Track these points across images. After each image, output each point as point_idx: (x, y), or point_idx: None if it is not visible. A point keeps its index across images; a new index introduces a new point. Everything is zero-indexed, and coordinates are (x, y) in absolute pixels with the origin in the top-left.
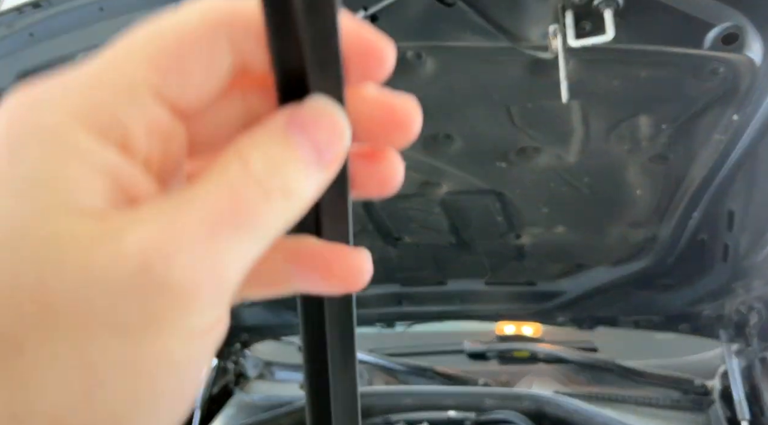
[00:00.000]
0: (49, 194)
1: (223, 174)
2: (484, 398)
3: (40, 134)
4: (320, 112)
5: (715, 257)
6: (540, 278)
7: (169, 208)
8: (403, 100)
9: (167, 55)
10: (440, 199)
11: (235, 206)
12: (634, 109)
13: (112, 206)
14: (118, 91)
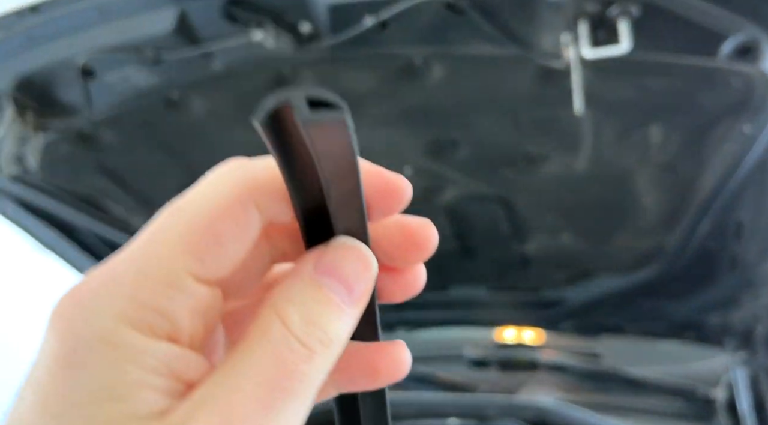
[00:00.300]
0: (112, 405)
1: (266, 338)
2: (486, 406)
3: (95, 345)
4: (346, 250)
5: (723, 267)
6: (544, 286)
7: (223, 392)
8: (420, 223)
9: (202, 236)
10: (444, 205)
11: (282, 372)
12: (645, 119)
13: (171, 399)
14: (161, 284)
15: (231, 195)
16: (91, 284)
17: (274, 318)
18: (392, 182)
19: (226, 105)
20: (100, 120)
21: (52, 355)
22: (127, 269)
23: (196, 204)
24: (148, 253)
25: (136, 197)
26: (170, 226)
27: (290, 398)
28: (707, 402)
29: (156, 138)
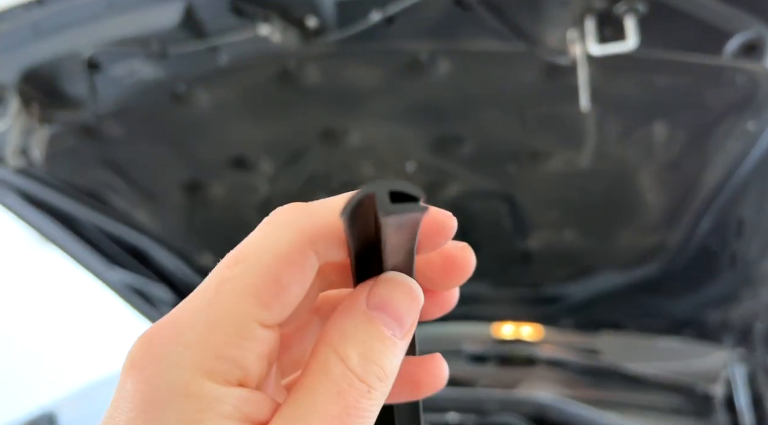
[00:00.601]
0: None
1: (326, 377)
2: (485, 401)
3: (173, 396)
4: (395, 285)
5: (723, 264)
6: (545, 282)
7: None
8: (459, 248)
9: (269, 286)
10: (447, 200)
11: (345, 410)
12: (650, 115)
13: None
14: (232, 334)
15: (293, 244)
16: (164, 334)
17: (332, 356)
18: (441, 221)
19: (231, 99)
20: (105, 113)
21: (133, 405)
22: (198, 320)
23: (260, 254)
24: (217, 303)
25: (140, 190)
26: (237, 276)
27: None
28: (706, 399)
29: (161, 132)
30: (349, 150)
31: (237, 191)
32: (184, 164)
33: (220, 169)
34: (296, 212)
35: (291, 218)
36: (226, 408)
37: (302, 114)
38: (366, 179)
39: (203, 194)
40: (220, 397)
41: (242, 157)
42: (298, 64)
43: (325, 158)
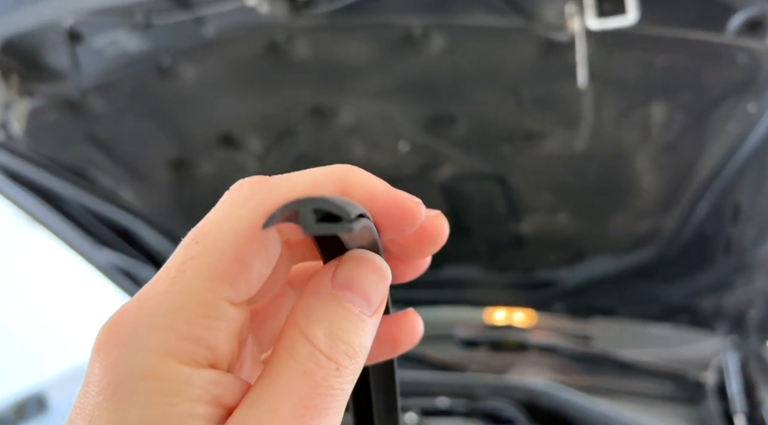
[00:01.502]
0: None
1: (293, 358)
2: (476, 386)
3: (141, 380)
4: (361, 262)
5: (718, 250)
6: (538, 266)
7: (260, 416)
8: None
9: (232, 264)
10: (440, 182)
11: (313, 390)
12: (648, 96)
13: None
14: (197, 315)
15: (254, 220)
16: (129, 318)
17: (298, 336)
18: (406, 206)
19: (218, 73)
20: (88, 87)
21: (100, 389)
22: (163, 301)
23: (220, 232)
24: (180, 283)
25: (126, 168)
26: (198, 255)
27: (324, 413)
28: (697, 386)
29: (146, 107)
30: (340, 129)
31: (225, 169)
32: (171, 140)
33: (207, 146)
34: (256, 187)
35: (250, 193)
36: (196, 390)
37: (291, 90)
38: (357, 159)
39: (191, 172)
40: (189, 379)
41: (230, 134)
42: (287, 38)
43: (315, 137)
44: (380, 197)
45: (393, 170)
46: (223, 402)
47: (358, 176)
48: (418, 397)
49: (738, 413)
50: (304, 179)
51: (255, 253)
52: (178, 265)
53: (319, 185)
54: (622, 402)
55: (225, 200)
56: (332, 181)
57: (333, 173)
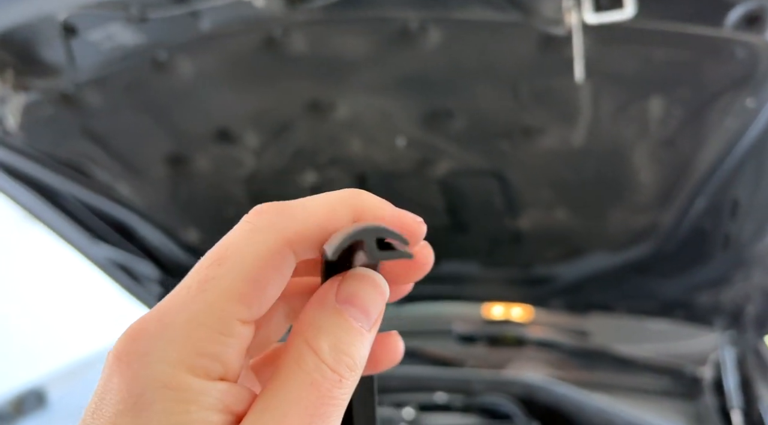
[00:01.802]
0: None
1: (300, 368)
2: (474, 381)
3: (160, 390)
4: (362, 279)
5: (716, 246)
6: (536, 262)
7: (271, 422)
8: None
9: (250, 287)
10: (438, 179)
11: (319, 400)
12: (646, 91)
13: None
14: (214, 332)
15: (274, 247)
16: (149, 330)
17: (305, 348)
18: (411, 227)
19: (215, 68)
20: (83, 81)
21: (120, 397)
22: (182, 318)
23: (242, 256)
24: (200, 302)
25: (123, 162)
26: (220, 277)
27: (327, 421)
28: (694, 381)
29: (142, 101)
30: (337, 124)
31: (222, 164)
32: (167, 135)
33: (204, 141)
34: (276, 214)
35: (271, 221)
36: (210, 400)
37: (288, 85)
38: (354, 155)
39: (187, 168)
40: (204, 390)
41: (226, 129)
42: (283, 32)
43: (312, 132)
44: (388, 220)
45: (391, 165)
46: (233, 410)
47: (368, 201)
48: (415, 392)
49: (735, 408)
50: (320, 205)
51: (272, 277)
52: (199, 284)
53: (335, 212)
54: (619, 397)
55: (245, 225)
56: (345, 207)
57: (345, 200)
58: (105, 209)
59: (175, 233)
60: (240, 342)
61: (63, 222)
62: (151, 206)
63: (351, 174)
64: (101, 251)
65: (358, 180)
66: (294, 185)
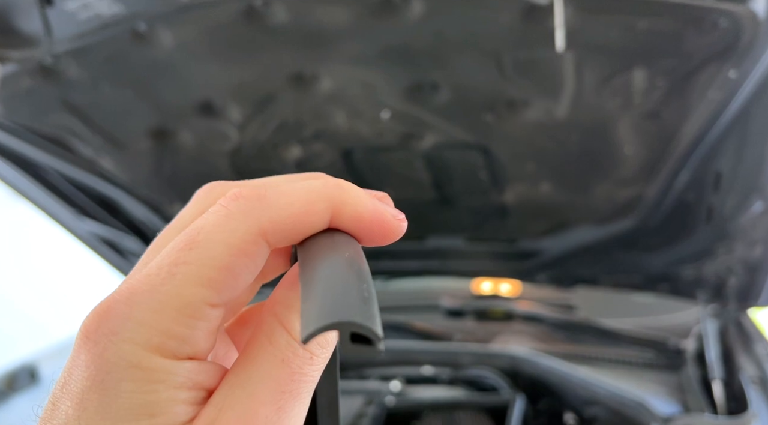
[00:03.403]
0: (149, 420)
1: (272, 346)
2: (460, 354)
3: (128, 369)
4: None
5: (699, 218)
6: (521, 236)
7: (241, 398)
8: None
9: (221, 274)
10: (423, 153)
11: (290, 377)
12: (630, 62)
13: (197, 406)
14: (182, 315)
15: (248, 236)
16: (118, 310)
17: (277, 326)
18: (391, 225)
19: (195, 39)
20: (61, 52)
21: (88, 374)
22: (152, 299)
23: (215, 243)
24: (170, 285)
25: (105, 137)
26: (191, 262)
27: (297, 399)
28: (677, 353)
29: (123, 73)
30: (321, 96)
31: (206, 138)
32: (150, 108)
33: (187, 115)
34: (253, 202)
35: (247, 208)
36: (178, 379)
37: (270, 56)
38: (339, 128)
39: (171, 142)
40: (172, 370)
41: (209, 102)
42: (264, 1)
43: (296, 105)
44: (367, 218)
45: (376, 139)
46: (203, 385)
47: (348, 198)
48: (402, 366)
49: (716, 379)
50: (298, 198)
51: (243, 266)
52: (170, 266)
53: (313, 206)
54: (604, 369)
55: (220, 209)
56: (324, 202)
57: (325, 195)
58: (89, 184)
59: (161, 207)
60: (209, 324)
61: (47, 198)
62: (136, 180)
63: (336, 148)
64: (87, 227)
65: (343, 154)
66: (279, 160)
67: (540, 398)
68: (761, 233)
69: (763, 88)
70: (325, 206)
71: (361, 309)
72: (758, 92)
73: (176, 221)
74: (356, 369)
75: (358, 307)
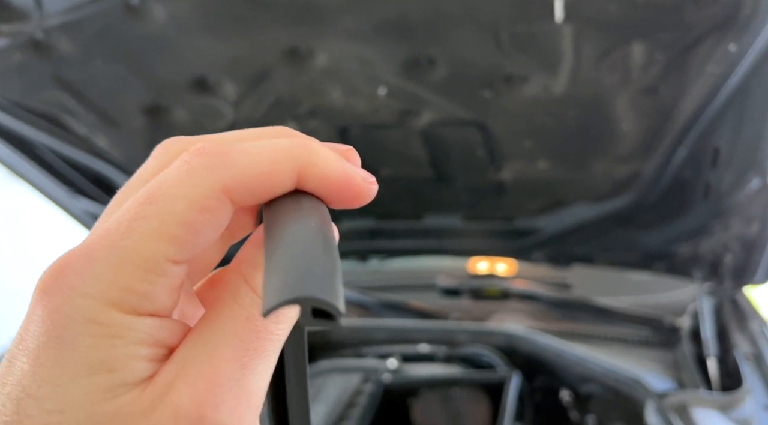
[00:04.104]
0: (106, 375)
1: (237, 303)
2: (457, 333)
3: (85, 324)
4: None
5: (696, 195)
6: (518, 215)
7: (203, 355)
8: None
9: (182, 229)
10: (420, 130)
11: (254, 334)
12: (628, 35)
13: (157, 363)
14: (141, 270)
15: (210, 192)
16: (75, 265)
17: (242, 285)
18: (360, 188)
19: (188, 12)
20: (53, 26)
21: (44, 330)
22: (110, 254)
23: (175, 198)
24: (129, 239)
25: (99, 113)
26: (150, 216)
27: (263, 356)
28: (673, 330)
29: (116, 48)
30: (316, 72)
31: (201, 115)
32: (144, 85)
33: (181, 91)
34: (216, 158)
35: (210, 164)
36: (137, 335)
37: (264, 31)
38: (335, 105)
39: (165, 119)
40: (131, 326)
41: (203, 78)
42: None
43: (291, 81)
44: (335, 181)
45: (372, 116)
46: (165, 343)
47: (315, 160)
48: (399, 344)
49: (711, 356)
50: (264, 157)
51: (205, 222)
52: (129, 221)
53: (278, 166)
54: (599, 347)
55: (183, 165)
56: (290, 162)
57: (292, 155)
58: (84, 162)
59: None
60: (171, 281)
61: (41, 176)
62: (130, 158)
63: (332, 125)
64: (82, 206)
65: (339, 132)
66: None
67: (536, 375)
68: (758, 209)
69: (762, 62)
70: (291, 166)
71: (324, 284)
72: (758, 66)
73: (136, 177)
74: (353, 347)
75: (321, 281)
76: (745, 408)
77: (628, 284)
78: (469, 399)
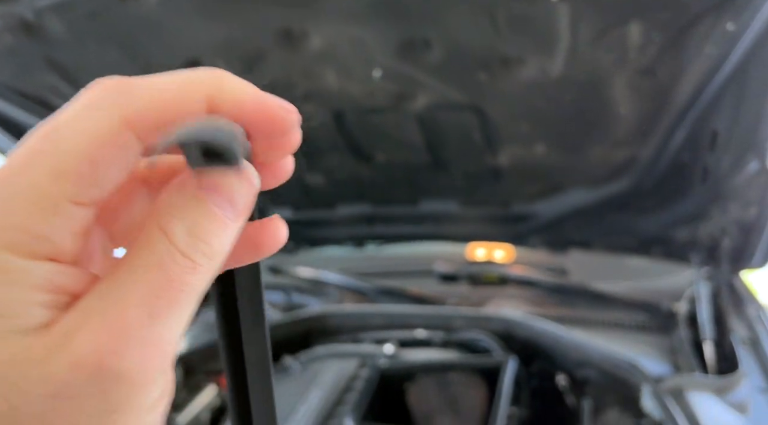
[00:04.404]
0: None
1: (150, 252)
2: (453, 318)
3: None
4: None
5: (694, 179)
6: (515, 200)
7: (109, 302)
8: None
9: (79, 163)
10: (416, 114)
11: (167, 283)
12: (625, 14)
13: (57, 311)
14: (36, 209)
15: (111, 125)
16: None
17: (156, 231)
18: (277, 115)
19: None
20: (44, 6)
21: None
22: (2, 191)
23: (75, 132)
24: (24, 177)
25: None
26: (48, 151)
27: (175, 307)
28: (670, 315)
29: (108, 30)
30: (310, 55)
31: None
32: (136, 67)
33: None
34: (116, 90)
35: (109, 97)
36: (34, 279)
37: (257, 12)
38: (330, 88)
39: None
40: (26, 269)
41: (197, 61)
42: None
43: (285, 64)
44: (249, 107)
45: (367, 99)
46: (67, 290)
47: (227, 84)
48: (396, 329)
49: (707, 340)
50: (169, 86)
51: (109, 158)
52: (24, 156)
53: (187, 93)
54: (596, 332)
55: (82, 99)
56: (200, 89)
57: (201, 81)
58: None
59: None
60: (73, 223)
61: None
62: None
63: (327, 109)
64: None
65: (334, 116)
66: None
67: (533, 360)
68: (756, 193)
69: (761, 41)
70: (200, 94)
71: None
72: (756, 46)
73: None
74: (350, 332)
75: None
76: (740, 392)
77: (626, 269)
78: (466, 384)
